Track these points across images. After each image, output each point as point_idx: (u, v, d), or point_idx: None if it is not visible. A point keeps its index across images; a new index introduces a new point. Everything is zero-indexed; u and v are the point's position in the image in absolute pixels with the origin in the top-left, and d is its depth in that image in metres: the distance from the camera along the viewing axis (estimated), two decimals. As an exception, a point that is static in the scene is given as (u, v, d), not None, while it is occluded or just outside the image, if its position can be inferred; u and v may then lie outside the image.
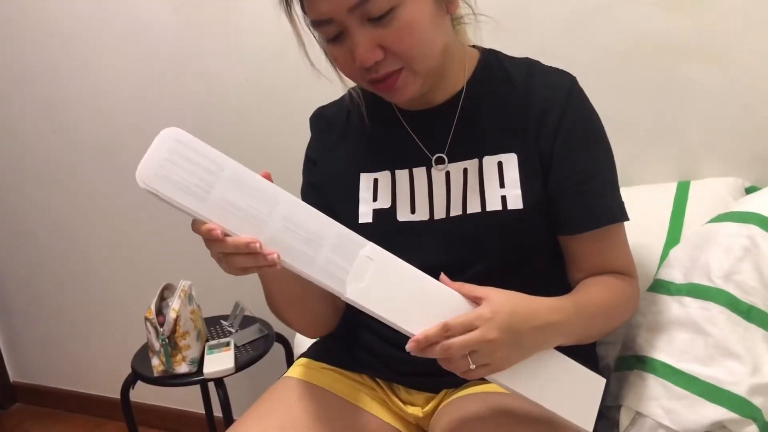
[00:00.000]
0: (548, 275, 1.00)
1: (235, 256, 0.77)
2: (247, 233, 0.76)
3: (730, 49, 1.28)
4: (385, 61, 0.87)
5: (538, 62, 1.01)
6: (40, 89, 2.06)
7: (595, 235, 0.95)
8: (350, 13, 0.83)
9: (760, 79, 1.27)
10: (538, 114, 0.95)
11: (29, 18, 1.97)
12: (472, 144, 0.98)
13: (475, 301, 0.80)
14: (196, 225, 0.78)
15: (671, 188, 1.30)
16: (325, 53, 0.96)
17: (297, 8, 0.92)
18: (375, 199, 1.01)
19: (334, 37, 0.88)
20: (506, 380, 0.82)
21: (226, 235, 0.76)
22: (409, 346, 0.78)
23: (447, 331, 0.76)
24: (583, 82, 0.99)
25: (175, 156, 0.77)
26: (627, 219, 0.98)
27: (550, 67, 1.00)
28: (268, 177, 0.80)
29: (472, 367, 0.77)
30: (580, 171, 0.94)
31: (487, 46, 1.05)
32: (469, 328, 0.76)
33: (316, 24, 0.88)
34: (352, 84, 1.02)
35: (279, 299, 1.01)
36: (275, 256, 0.76)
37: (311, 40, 0.96)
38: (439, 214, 0.97)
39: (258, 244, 0.75)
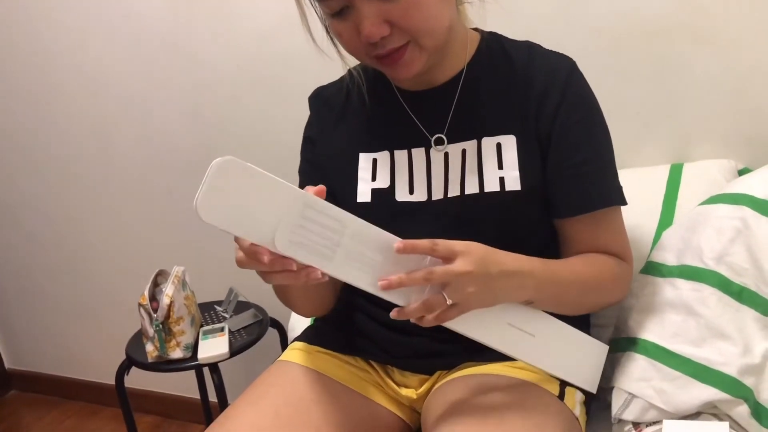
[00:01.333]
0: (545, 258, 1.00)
1: (275, 274, 0.78)
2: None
3: (723, 31, 1.27)
4: (391, 37, 0.86)
5: (539, 45, 1.01)
6: (30, 78, 2.04)
7: (589, 218, 0.95)
8: None
9: (752, 61, 1.27)
10: (538, 96, 0.95)
11: (17, 4, 1.95)
12: (471, 125, 0.98)
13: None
14: (240, 241, 0.77)
15: (664, 171, 1.30)
16: (327, 31, 0.96)
17: None
18: (374, 178, 1.01)
19: (339, 11, 0.87)
20: (511, 350, 0.88)
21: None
22: (395, 247, 0.78)
23: (435, 245, 0.78)
24: (577, 64, 0.99)
25: (232, 186, 0.73)
26: (624, 203, 0.98)
27: (551, 50, 1.00)
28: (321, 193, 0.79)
29: (449, 302, 0.78)
30: (577, 153, 0.94)
31: (480, 27, 1.05)
32: (451, 254, 0.78)
33: None
34: (352, 63, 1.01)
35: (296, 291, 1.02)
36: (318, 273, 0.76)
37: (313, 16, 0.95)
38: (438, 194, 0.97)
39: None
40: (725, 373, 0.93)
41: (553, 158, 0.95)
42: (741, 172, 1.28)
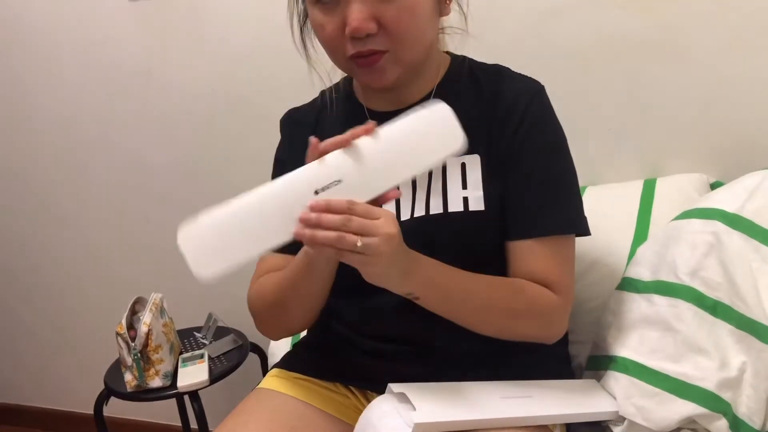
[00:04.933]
0: None
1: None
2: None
3: (690, 47, 1.30)
4: (375, 38, 0.86)
5: (508, 69, 1.02)
6: (2, 105, 2.01)
7: (531, 244, 0.94)
8: None
9: (719, 75, 1.29)
10: (502, 117, 0.96)
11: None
12: None
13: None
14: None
15: (638, 186, 1.31)
16: (300, 32, 0.98)
17: None
18: None
19: (326, 1, 0.87)
20: (521, 413, 0.89)
21: None
22: (303, 216, 0.76)
23: (353, 204, 0.76)
24: (547, 83, 1.00)
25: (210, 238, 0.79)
26: (579, 232, 0.97)
27: (520, 74, 1.01)
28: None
29: (359, 244, 0.76)
30: (531, 177, 0.95)
31: (452, 47, 1.06)
32: (373, 215, 0.77)
33: None
34: (320, 69, 1.01)
35: (296, 296, 1.00)
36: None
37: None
38: (405, 214, 0.97)
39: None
40: (703, 387, 0.94)
41: (510, 180, 0.95)
42: (713, 186, 1.30)
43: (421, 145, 0.81)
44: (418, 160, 0.81)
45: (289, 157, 1.09)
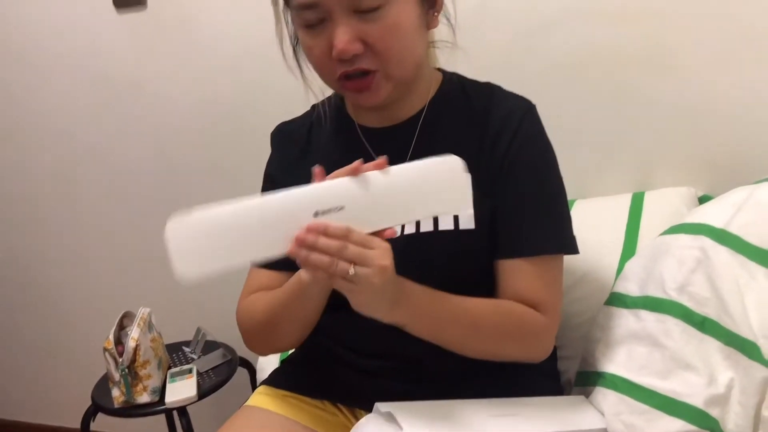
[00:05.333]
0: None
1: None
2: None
3: (679, 61, 1.30)
4: (362, 57, 0.86)
5: (499, 87, 1.02)
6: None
7: (520, 264, 0.94)
8: (340, 0, 0.83)
9: (708, 89, 1.30)
10: (493, 135, 0.96)
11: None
12: None
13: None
14: None
15: (626, 199, 1.31)
16: (293, 49, 0.97)
17: None
18: None
19: (314, 23, 0.86)
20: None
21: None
22: (299, 236, 0.75)
23: (350, 232, 0.75)
24: (537, 96, 1.00)
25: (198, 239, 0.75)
26: (568, 251, 0.97)
27: (511, 92, 1.01)
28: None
29: (351, 272, 0.75)
30: (518, 196, 0.95)
31: (442, 60, 1.06)
32: (368, 244, 0.76)
33: (302, 7, 0.86)
34: (314, 87, 1.01)
35: (287, 318, 1.00)
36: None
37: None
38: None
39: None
40: (691, 404, 0.93)
41: (499, 197, 0.95)
42: (701, 199, 1.30)
43: (430, 194, 0.79)
44: (424, 207, 0.80)
45: (278, 172, 1.09)
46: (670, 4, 1.28)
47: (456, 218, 0.94)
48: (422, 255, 0.95)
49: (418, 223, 0.96)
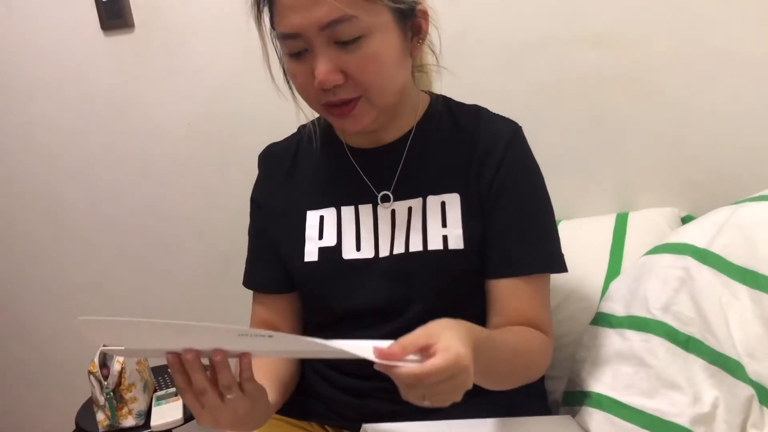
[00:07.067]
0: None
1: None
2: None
3: (660, 84, 1.33)
4: (344, 87, 0.87)
5: (486, 109, 1.03)
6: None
7: (516, 283, 0.95)
8: (320, 31, 0.83)
9: (688, 110, 1.32)
10: (480, 157, 0.97)
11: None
12: (418, 183, 0.99)
13: (424, 348, 0.72)
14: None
15: (610, 220, 1.33)
16: (284, 71, 0.97)
17: (267, 19, 0.91)
18: (321, 237, 1.01)
19: (297, 53, 0.87)
20: None
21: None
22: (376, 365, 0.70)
23: (421, 376, 0.68)
24: (520, 118, 1.01)
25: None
26: (558, 270, 0.98)
27: (498, 114, 1.02)
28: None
29: (426, 404, 0.72)
30: (506, 216, 0.96)
31: (436, 85, 1.07)
32: (446, 376, 0.68)
33: (284, 37, 0.87)
34: (305, 108, 1.00)
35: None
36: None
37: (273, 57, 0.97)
38: (384, 251, 0.97)
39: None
40: (678, 423, 0.94)
41: (490, 218, 0.96)
42: (684, 219, 1.32)
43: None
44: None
45: (263, 195, 1.09)
46: (651, 29, 1.31)
47: (445, 238, 0.95)
48: (411, 274, 0.95)
49: (407, 242, 0.96)
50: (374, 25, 0.85)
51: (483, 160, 0.97)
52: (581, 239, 1.29)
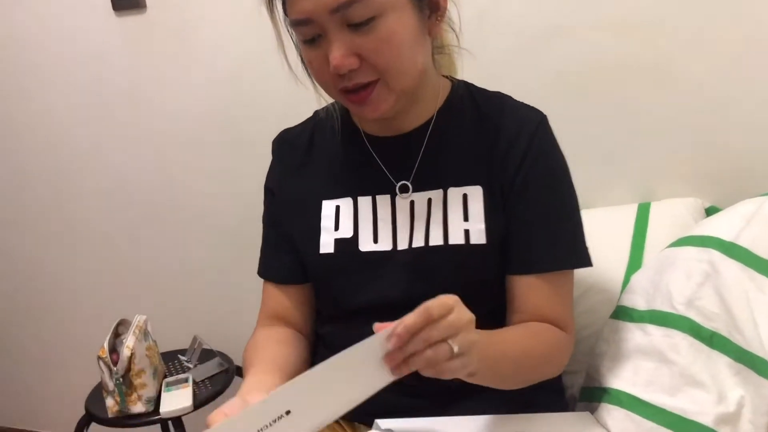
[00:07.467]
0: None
1: None
2: None
3: (684, 72, 1.29)
4: (360, 71, 0.84)
5: (510, 97, 1.00)
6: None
7: (539, 279, 0.92)
8: (331, 15, 0.80)
9: (712, 100, 1.28)
10: (505, 147, 0.94)
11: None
12: (438, 174, 0.96)
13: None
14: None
15: (632, 210, 1.29)
16: (301, 58, 0.94)
17: (279, 7, 0.88)
18: (337, 227, 0.98)
19: (311, 39, 0.85)
20: None
21: None
22: (392, 344, 0.68)
23: (427, 312, 0.68)
24: (540, 106, 0.98)
25: None
26: (584, 265, 0.95)
27: (522, 103, 0.99)
28: None
29: (456, 349, 0.69)
30: (530, 210, 0.93)
31: (458, 67, 1.04)
32: (447, 309, 0.69)
33: (296, 23, 0.85)
34: (324, 93, 0.98)
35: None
36: None
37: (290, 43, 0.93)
38: (403, 244, 0.95)
39: None
40: (701, 423, 0.91)
41: (513, 211, 0.93)
42: (708, 211, 1.28)
43: (359, 376, 0.72)
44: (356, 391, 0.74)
45: (277, 184, 1.06)
46: (675, 15, 1.27)
47: (467, 232, 0.92)
48: (431, 268, 0.93)
49: (427, 236, 0.93)
50: (387, 4, 0.81)
51: (507, 151, 0.93)
52: (601, 229, 1.24)
